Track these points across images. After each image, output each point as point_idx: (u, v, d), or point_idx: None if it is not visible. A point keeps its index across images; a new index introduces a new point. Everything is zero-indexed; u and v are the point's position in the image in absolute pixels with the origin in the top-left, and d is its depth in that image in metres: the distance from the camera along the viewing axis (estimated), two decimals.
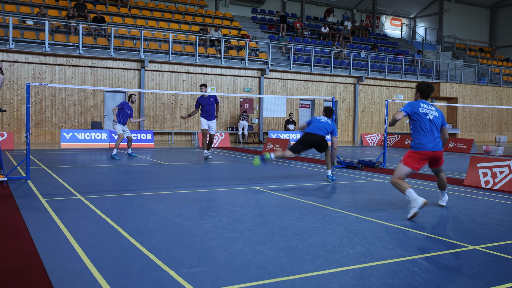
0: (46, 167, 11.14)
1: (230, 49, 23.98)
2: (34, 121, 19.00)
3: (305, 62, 25.56)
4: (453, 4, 38.64)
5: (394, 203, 7.38)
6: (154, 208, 6.55)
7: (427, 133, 6.40)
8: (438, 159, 6.62)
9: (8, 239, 4.85)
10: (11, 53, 18.53)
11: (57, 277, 3.77)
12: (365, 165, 12.55)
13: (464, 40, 38.20)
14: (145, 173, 10.85)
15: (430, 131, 6.41)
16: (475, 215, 6.59)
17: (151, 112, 21.27)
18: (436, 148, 6.43)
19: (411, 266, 4.22)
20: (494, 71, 32.80)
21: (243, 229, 5.45)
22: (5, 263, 4.08)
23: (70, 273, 3.88)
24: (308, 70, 24.97)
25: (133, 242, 4.81)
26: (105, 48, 20.75)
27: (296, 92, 24.45)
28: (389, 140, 23.42)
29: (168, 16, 25.77)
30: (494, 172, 9.21)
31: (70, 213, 6.19)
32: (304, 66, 25.38)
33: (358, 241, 5.01)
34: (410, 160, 6.49)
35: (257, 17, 30.65)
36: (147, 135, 19.11)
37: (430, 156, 6.50)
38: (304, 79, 24.83)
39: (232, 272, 3.99)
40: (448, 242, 5.08)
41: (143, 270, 3.98)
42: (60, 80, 19.43)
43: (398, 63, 28.65)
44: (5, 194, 7.42)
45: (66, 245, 4.67)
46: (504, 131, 31.50)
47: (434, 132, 6.46)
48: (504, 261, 4.47)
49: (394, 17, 38.24)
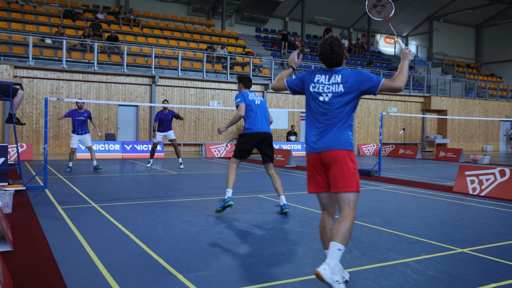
0: (62, 177, 11.15)
1: (236, 66, 24.06)
2: (52, 133, 19.04)
3: None
4: (442, 24, 38.74)
5: (388, 209, 7.36)
6: (163, 215, 6.54)
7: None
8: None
9: (26, 244, 4.86)
10: (30, 69, 18.63)
11: (71, 280, 3.77)
12: (362, 173, 12.52)
13: (452, 57, 38.26)
14: (155, 182, 10.86)
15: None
16: (463, 220, 6.56)
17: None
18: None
19: (404, 269, 4.20)
20: (480, 86, 32.80)
21: (247, 235, 5.45)
22: (23, 267, 4.09)
23: (84, 277, 3.88)
24: None
25: (143, 247, 4.80)
26: (118, 65, 20.85)
27: (297, 105, 24.46)
28: (384, 150, 23.39)
29: (178, 34, 25.89)
30: (480, 179, 9.19)
31: (84, 220, 6.19)
32: None
33: (354, 245, 5.00)
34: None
35: (261, 36, 30.77)
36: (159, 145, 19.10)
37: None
38: None
39: (236, 276, 3.98)
40: (438, 245, 5.06)
41: (153, 274, 3.97)
42: (76, 95, 19.50)
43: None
44: (24, 202, 7.43)
45: (80, 250, 4.67)
46: (490, 141, 31.44)
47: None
48: (489, 262, 4.45)
49: (388, 36, 38.34)
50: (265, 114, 6.87)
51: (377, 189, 9.93)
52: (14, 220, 5.99)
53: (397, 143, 25.58)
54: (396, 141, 27.25)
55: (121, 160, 17.25)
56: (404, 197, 8.90)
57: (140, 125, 20.94)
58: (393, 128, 27.69)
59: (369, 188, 10.07)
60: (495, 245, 5.14)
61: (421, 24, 38.30)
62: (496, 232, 5.85)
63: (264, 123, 6.78)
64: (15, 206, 6.97)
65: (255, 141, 6.72)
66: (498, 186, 8.86)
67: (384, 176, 12.52)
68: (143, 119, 21.03)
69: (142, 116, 21.04)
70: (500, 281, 3.92)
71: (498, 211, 7.44)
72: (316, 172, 3.75)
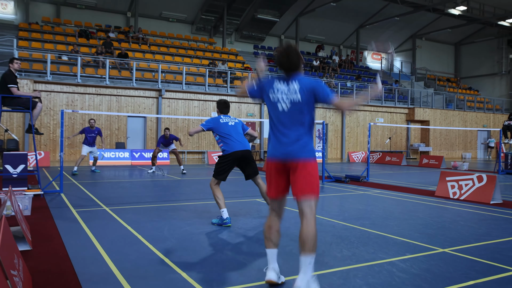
0: (77, 182, 11.14)
1: (235, 80, 24.10)
2: (67, 142, 19.03)
3: None
4: (424, 42, 38.93)
5: (375, 212, 7.36)
6: (169, 218, 6.54)
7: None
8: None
9: (44, 244, 4.85)
10: (48, 84, 18.65)
11: (85, 278, 3.76)
12: (351, 179, 12.53)
13: (434, 71, 38.41)
14: (161, 187, 10.85)
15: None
16: (444, 222, 6.57)
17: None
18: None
19: (390, 267, 4.20)
20: (459, 98, 32.89)
21: (246, 236, 5.45)
22: (41, 266, 4.08)
23: (96, 275, 3.88)
24: None
25: (150, 247, 4.80)
26: (128, 79, 20.88)
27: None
28: (372, 157, 23.40)
29: (182, 51, 25.97)
30: (460, 184, 9.20)
31: (97, 222, 6.18)
32: None
33: (344, 246, 5.00)
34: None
35: (258, 52, 30.86)
36: (163, 154, 19.11)
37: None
38: None
39: (236, 274, 3.98)
40: (421, 246, 5.07)
41: (159, 272, 3.97)
42: (90, 107, 19.52)
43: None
44: (41, 206, 7.43)
45: (93, 250, 4.67)
46: (469, 149, 31.49)
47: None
48: (468, 261, 4.46)
49: (375, 52, 38.50)
50: (241, 133, 6.39)
51: (366, 194, 9.93)
52: (33, 222, 5.98)
53: (384, 151, 25.59)
54: (383, 149, 27.27)
55: (130, 166, 17.23)
56: (391, 201, 8.90)
57: (147, 134, 20.94)
58: (380, 137, 27.73)
59: (358, 193, 10.08)
60: (473, 245, 5.15)
61: (405, 42, 38.48)
62: (474, 233, 5.85)
63: (240, 141, 6.26)
64: (34, 209, 6.97)
65: (234, 161, 6.20)
66: (476, 191, 8.87)
67: (372, 182, 12.52)
68: (150, 129, 21.04)
69: (150, 126, 21.05)
70: (478, 278, 3.93)
71: (476, 213, 7.45)
72: (278, 178, 3.59)
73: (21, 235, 4.87)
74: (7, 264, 2.68)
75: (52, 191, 9.08)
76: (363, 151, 25.71)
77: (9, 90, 8.42)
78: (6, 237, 2.99)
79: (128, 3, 27.38)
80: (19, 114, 17.99)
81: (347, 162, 23.31)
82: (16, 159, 8.58)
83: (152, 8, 28.03)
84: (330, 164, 20.75)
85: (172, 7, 28.38)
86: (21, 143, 18.15)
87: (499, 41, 37.70)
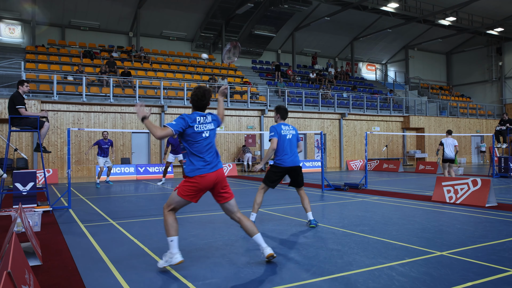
0: (84, 198, 11.15)
1: (235, 94, 24.20)
2: (74, 159, 19.07)
3: (297, 103, 25.72)
4: (416, 52, 39.11)
5: (374, 219, 7.35)
6: None
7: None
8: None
9: (54, 259, 4.85)
10: (55, 103, 18.74)
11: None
12: (350, 187, 12.52)
13: (427, 80, 38.53)
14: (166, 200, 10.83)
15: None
16: (441, 226, 6.56)
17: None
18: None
19: (390, 272, 4.20)
20: (452, 105, 32.96)
21: (249, 246, 5.44)
22: (51, 279, 4.08)
23: (104, 287, 3.88)
24: (300, 109, 25.11)
25: (156, 259, 4.80)
26: (131, 96, 20.97)
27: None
28: (370, 165, 23.38)
29: (183, 68, 26.11)
30: (456, 189, 9.20)
31: (104, 236, 6.19)
32: (296, 106, 25.53)
33: (345, 252, 4.99)
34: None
35: (256, 67, 31.04)
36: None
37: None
38: (297, 117, 24.94)
39: (239, 282, 3.98)
40: (420, 249, 5.06)
41: (166, 283, 3.97)
42: (95, 125, 19.58)
43: (374, 101, 28.82)
44: (50, 221, 7.43)
45: (101, 263, 4.67)
46: (463, 154, 31.45)
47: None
48: (465, 263, 4.45)
49: (369, 63, 38.65)
50: (295, 146, 6.69)
51: (364, 201, 9.91)
52: (43, 238, 5.98)
53: (381, 159, 25.57)
54: (380, 157, 27.25)
55: (136, 181, 17.23)
56: (389, 207, 8.89)
57: (151, 149, 20.98)
58: (377, 145, 27.73)
59: (357, 200, 10.06)
60: (470, 248, 5.14)
61: (398, 52, 38.66)
62: (471, 236, 5.84)
63: (293, 156, 6.60)
64: (43, 225, 6.97)
65: (284, 173, 6.64)
66: (472, 194, 8.87)
67: (370, 189, 12.51)
68: (154, 144, 21.08)
69: (153, 141, 21.09)
70: (476, 280, 3.93)
71: (472, 216, 7.44)
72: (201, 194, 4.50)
73: (31, 250, 4.87)
74: (18, 279, 2.69)
75: (60, 207, 9.08)
76: (361, 159, 25.70)
77: (18, 111, 8.47)
78: (17, 253, 3.00)
79: (130, 24, 27.60)
80: (28, 133, 18.06)
81: (345, 170, 23.29)
82: (26, 177, 8.61)
83: (153, 28, 28.25)
84: (329, 172, 20.74)
85: (173, 26, 28.61)
86: (30, 162, 18.18)
87: (488, 49, 37.88)
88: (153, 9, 26.69)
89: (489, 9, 31.29)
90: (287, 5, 26.05)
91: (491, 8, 31.03)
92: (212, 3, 27.22)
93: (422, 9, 30.18)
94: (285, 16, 28.00)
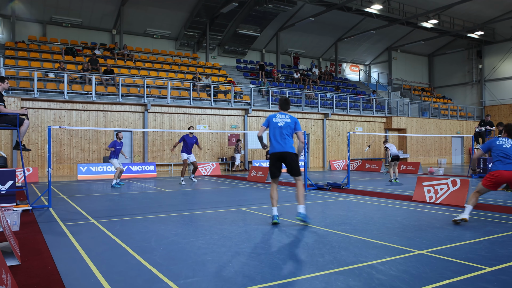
0: (65, 196, 11.01)
1: (219, 93, 24.17)
2: (55, 158, 18.81)
3: None
4: (399, 54, 39.60)
5: (356, 218, 7.43)
6: (156, 229, 6.51)
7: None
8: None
9: (33, 259, 4.79)
10: (36, 101, 18.46)
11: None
12: (333, 186, 12.61)
13: (409, 82, 39.07)
14: (149, 199, 10.77)
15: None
16: (421, 225, 6.66)
17: (153, 147, 21.20)
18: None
19: (370, 270, 4.25)
20: (434, 107, 33.47)
21: (231, 244, 5.45)
22: (30, 279, 4.03)
23: (85, 287, 3.85)
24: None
25: (138, 258, 4.77)
26: (114, 95, 20.78)
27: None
28: (352, 165, 23.58)
29: (167, 67, 25.96)
30: (436, 189, 9.34)
31: (85, 235, 6.13)
32: None
33: (326, 251, 5.04)
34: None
35: (241, 66, 31.03)
36: (150, 166, 19.02)
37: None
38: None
39: (221, 281, 3.98)
40: (399, 248, 5.13)
41: (147, 282, 3.96)
42: (77, 123, 19.35)
43: (357, 101, 29.09)
44: (30, 221, 7.32)
45: (81, 262, 4.63)
46: (444, 155, 31.96)
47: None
48: (443, 262, 4.53)
49: (353, 64, 38.99)
50: (286, 134, 6.80)
51: (347, 200, 10.00)
52: (22, 237, 5.90)
53: (364, 159, 25.82)
54: (363, 157, 27.52)
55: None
56: (371, 206, 8.99)
57: (134, 148, 20.82)
58: (360, 145, 27.99)
59: (339, 200, 10.15)
60: (448, 246, 5.24)
61: (381, 54, 39.10)
62: (449, 235, 5.95)
63: (281, 142, 6.76)
64: (23, 224, 6.87)
65: (276, 161, 6.84)
66: (451, 194, 9.02)
67: (352, 188, 12.62)
68: (137, 142, 20.92)
69: (136, 140, 20.93)
70: (453, 277, 4.00)
71: (451, 216, 7.55)
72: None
73: (9, 250, 4.80)
74: None
75: (40, 206, 8.96)
76: (343, 159, 25.90)
77: None
78: None
79: (113, 21, 27.34)
80: (7, 131, 17.75)
81: (328, 170, 23.44)
82: (4, 176, 8.46)
83: (137, 26, 28.03)
84: (312, 172, 20.86)
85: (157, 24, 28.43)
86: (9, 160, 17.86)
87: (469, 52, 38.56)
88: (136, 6, 26.49)
89: (470, 13, 31.86)
90: (271, 5, 26.10)
91: (472, 12, 31.59)
92: (197, 1, 27.12)
93: (405, 12, 30.57)
94: (269, 16, 28.06)
